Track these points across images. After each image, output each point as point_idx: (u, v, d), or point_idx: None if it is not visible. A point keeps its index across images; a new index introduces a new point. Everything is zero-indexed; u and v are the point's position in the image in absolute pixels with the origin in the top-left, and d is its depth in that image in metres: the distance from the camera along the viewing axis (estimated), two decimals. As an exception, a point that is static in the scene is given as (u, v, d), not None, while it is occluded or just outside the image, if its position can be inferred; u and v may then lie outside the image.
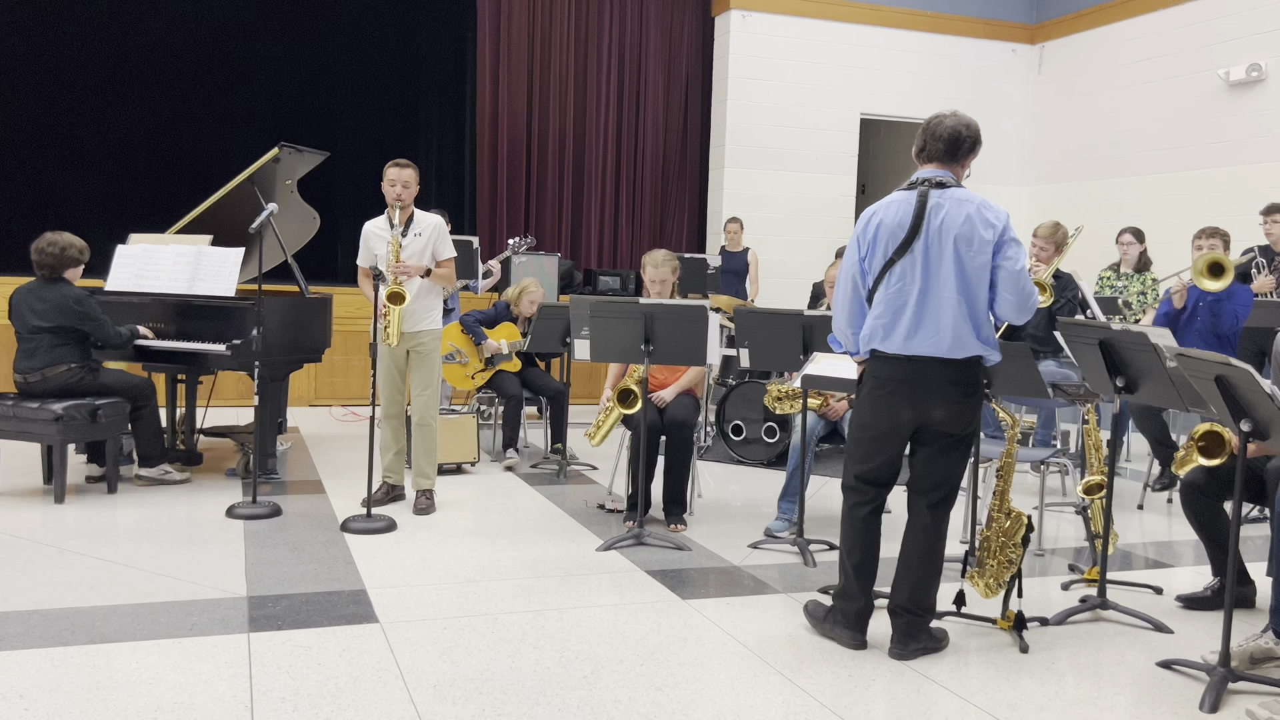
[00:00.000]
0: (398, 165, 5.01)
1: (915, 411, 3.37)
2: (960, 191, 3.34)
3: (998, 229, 3.30)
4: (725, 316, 6.74)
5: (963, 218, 3.28)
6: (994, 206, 3.34)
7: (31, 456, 5.92)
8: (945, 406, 3.34)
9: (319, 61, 10.54)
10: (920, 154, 3.43)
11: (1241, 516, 3.36)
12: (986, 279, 3.31)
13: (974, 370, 3.38)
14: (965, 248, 3.28)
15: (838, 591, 3.57)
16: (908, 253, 3.32)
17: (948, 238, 3.28)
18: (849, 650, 3.48)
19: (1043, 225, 5.88)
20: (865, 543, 3.50)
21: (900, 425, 3.40)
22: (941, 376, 3.33)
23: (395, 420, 5.28)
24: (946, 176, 3.37)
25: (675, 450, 5.04)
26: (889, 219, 3.37)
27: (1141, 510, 5.81)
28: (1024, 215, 11.00)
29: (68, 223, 6.23)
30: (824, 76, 10.57)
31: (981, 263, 3.29)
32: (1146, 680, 3.34)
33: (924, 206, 3.31)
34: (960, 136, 3.36)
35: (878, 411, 3.42)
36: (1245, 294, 5.82)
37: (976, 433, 3.47)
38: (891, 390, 3.38)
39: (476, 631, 3.55)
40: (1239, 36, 8.91)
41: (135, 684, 3.02)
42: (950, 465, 3.44)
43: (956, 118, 3.39)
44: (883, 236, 3.37)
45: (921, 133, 3.43)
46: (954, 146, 3.37)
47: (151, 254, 5.82)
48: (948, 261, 3.29)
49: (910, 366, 3.34)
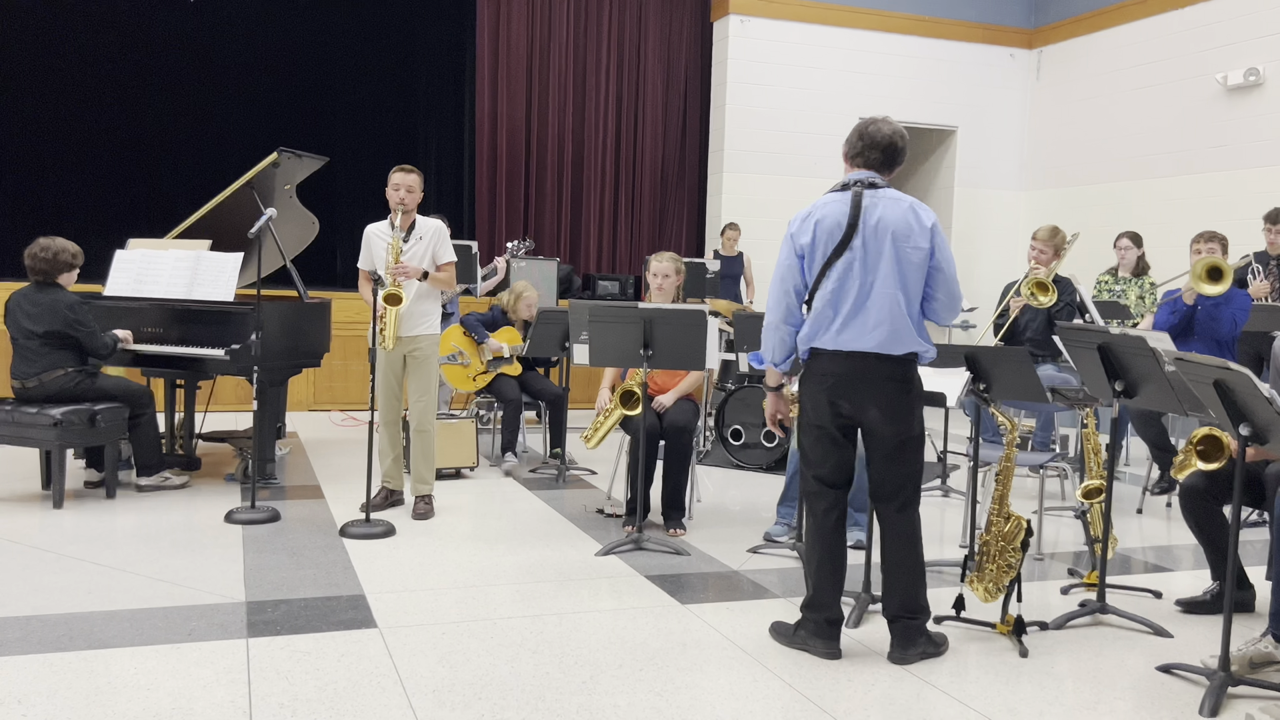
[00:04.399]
0: (403, 170, 5.03)
1: (853, 406, 3.42)
2: (891, 191, 3.44)
3: (932, 228, 3.39)
4: (724, 321, 6.74)
5: (897, 214, 3.37)
6: (924, 206, 3.43)
7: (30, 462, 5.92)
8: (880, 402, 3.38)
9: (319, 66, 10.56)
10: (854, 157, 3.49)
11: (1240, 521, 3.36)
12: (922, 275, 3.39)
13: (910, 368, 3.42)
14: (903, 243, 3.35)
15: (806, 602, 3.55)
16: (846, 250, 3.38)
17: (885, 235, 3.35)
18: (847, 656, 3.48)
19: (1041, 229, 5.89)
20: (831, 551, 3.50)
21: (841, 419, 3.45)
22: (878, 373, 3.38)
23: (393, 426, 5.28)
24: (877, 178, 3.45)
25: (674, 455, 5.04)
26: (826, 218, 3.43)
27: (1141, 514, 5.81)
28: (1022, 220, 11.02)
29: (66, 227, 6.24)
30: (822, 81, 10.58)
31: (918, 260, 3.37)
32: (1146, 685, 3.34)
33: (859, 205, 3.39)
34: (897, 147, 3.46)
35: (817, 406, 3.48)
36: (1243, 299, 5.82)
37: (920, 433, 3.47)
38: (830, 385, 3.43)
39: (475, 636, 3.55)
40: (1237, 41, 8.92)
41: (134, 689, 3.02)
42: (904, 468, 3.45)
43: (892, 125, 3.47)
44: (821, 236, 3.42)
45: (858, 137, 3.47)
46: (891, 157, 3.46)
47: (150, 259, 5.82)
48: (886, 258, 3.35)
49: (848, 361, 3.39)
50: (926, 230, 3.37)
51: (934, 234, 3.38)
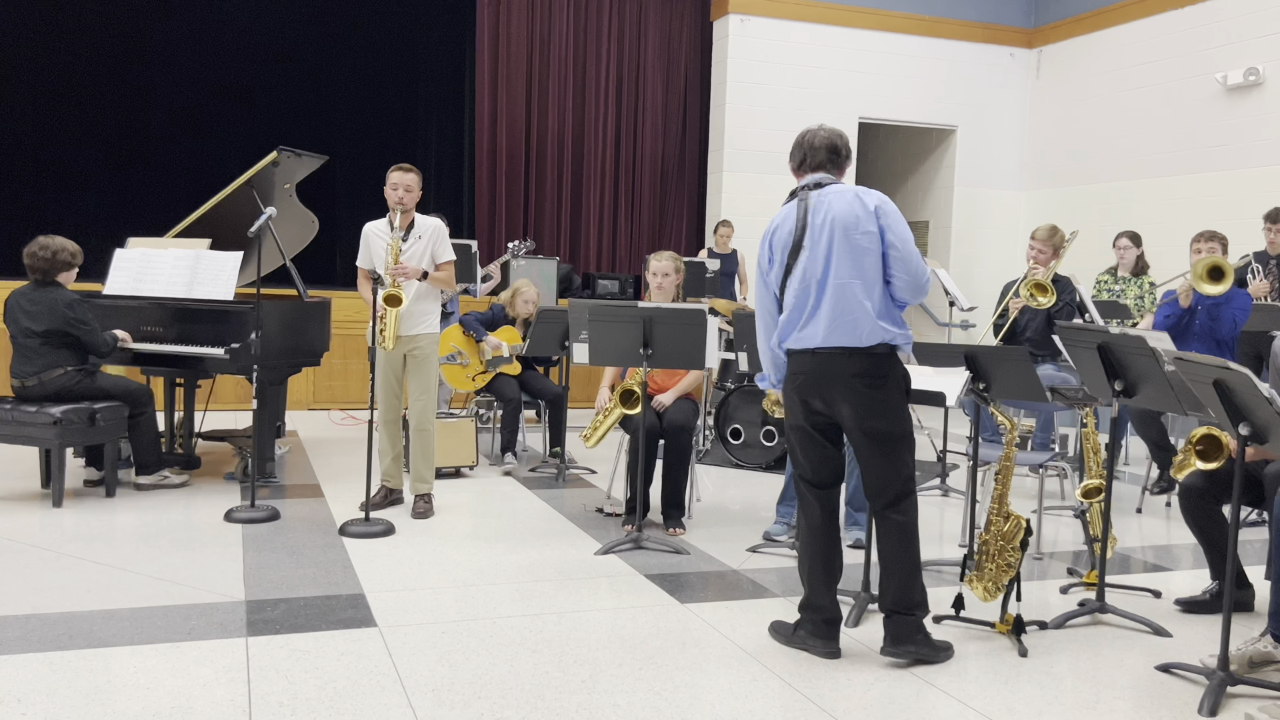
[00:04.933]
0: (401, 169, 5.02)
1: (825, 403, 3.43)
2: (836, 185, 3.49)
3: (878, 206, 3.40)
4: (724, 320, 6.74)
5: (842, 205, 3.40)
6: (869, 191, 3.45)
7: (30, 460, 5.92)
8: (851, 399, 3.38)
9: (318, 66, 10.55)
10: (801, 166, 3.56)
11: (1240, 520, 3.36)
12: (877, 258, 3.39)
13: (881, 362, 3.40)
14: (852, 232, 3.36)
15: (803, 602, 3.55)
16: (800, 253, 3.44)
17: (833, 228, 3.38)
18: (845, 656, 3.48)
19: (1040, 229, 5.89)
20: (823, 550, 3.51)
21: (815, 419, 3.47)
22: (845, 369, 3.38)
23: (393, 425, 5.28)
24: (823, 178, 3.50)
25: (674, 454, 5.04)
26: (780, 228, 3.54)
27: (1140, 514, 5.82)
28: (1022, 219, 11.02)
29: (66, 226, 6.24)
30: (822, 80, 10.58)
31: (868, 244, 3.37)
32: (1145, 684, 3.34)
33: (805, 208, 3.46)
34: (837, 145, 3.54)
35: (792, 405, 3.52)
36: (1244, 298, 5.82)
37: (905, 429, 3.44)
38: (801, 382, 3.47)
39: (475, 636, 3.55)
40: (1237, 41, 8.92)
41: (133, 688, 3.02)
42: (890, 466, 3.42)
43: (829, 129, 3.57)
44: (778, 247, 3.53)
45: (797, 149, 3.57)
46: (835, 154, 3.52)
47: (150, 258, 5.82)
48: (837, 250, 3.38)
49: (815, 359, 3.42)
50: (871, 214, 3.37)
51: (879, 215, 3.38)
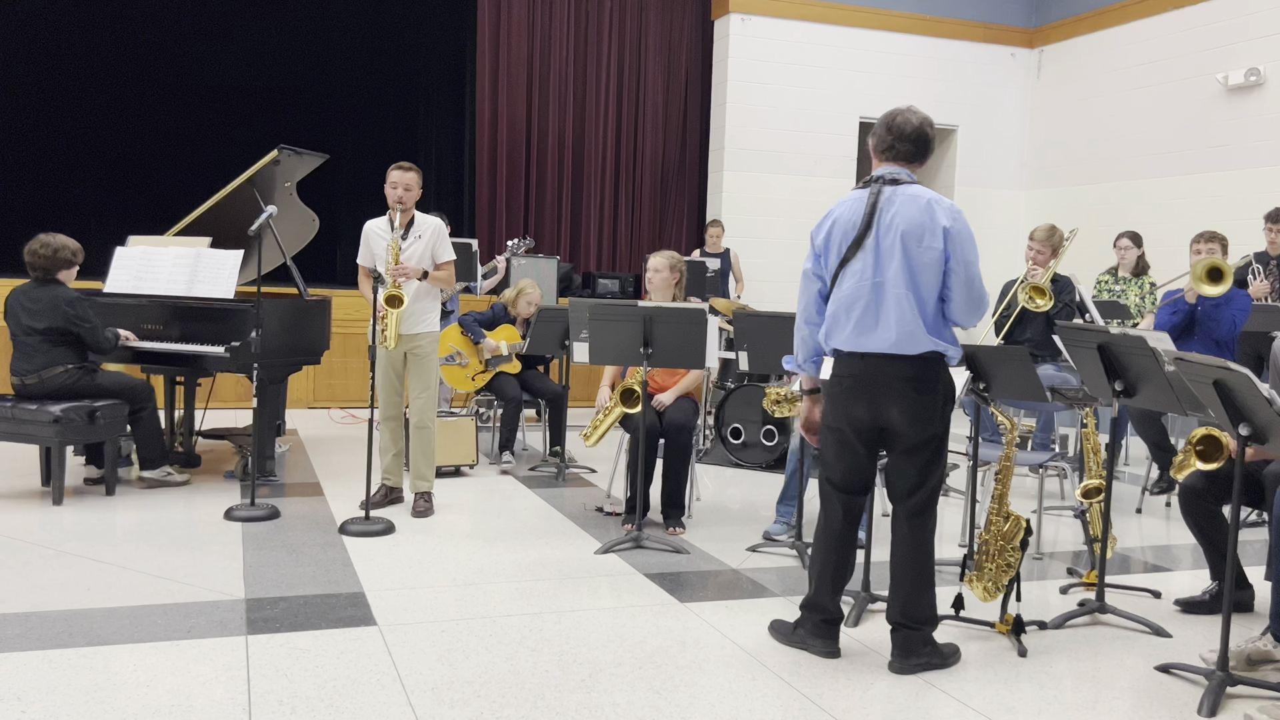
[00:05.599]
0: (400, 168, 5.02)
1: (870, 410, 3.34)
2: (913, 188, 3.32)
3: (948, 226, 3.26)
4: (724, 319, 6.74)
5: (913, 213, 3.26)
6: (945, 202, 3.31)
7: (30, 458, 5.92)
8: (899, 404, 3.30)
9: (319, 64, 10.56)
10: (886, 151, 3.39)
11: (1240, 520, 3.36)
12: (937, 275, 3.28)
13: (931, 368, 3.32)
14: (914, 243, 3.25)
15: (806, 601, 3.53)
16: (860, 250, 3.32)
17: (899, 233, 3.26)
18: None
19: (1038, 229, 5.86)
20: (837, 554, 3.47)
21: (857, 424, 3.37)
22: (893, 373, 3.30)
23: (393, 423, 5.28)
24: (901, 173, 3.36)
25: (674, 453, 5.04)
26: (843, 217, 3.38)
27: (1140, 514, 5.82)
28: (1022, 219, 11.02)
29: (66, 224, 6.24)
30: (823, 80, 10.58)
31: (930, 259, 3.26)
32: (1145, 684, 3.34)
33: (876, 203, 3.32)
34: (928, 137, 3.38)
35: (835, 409, 3.42)
36: (1243, 299, 5.80)
37: (943, 436, 3.40)
38: (847, 387, 3.37)
39: (475, 634, 3.55)
40: (1237, 41, 8.92)
41: (133, 686, 3.02)
42: (920, 470, 3.38)
43: (920, 114, 3.39)
44: (836, 236, 3.38)
45: (886, 130, 3.38)
46: (922, 147, 3.38)
47: (150, 256, 5.82)
48: (896, 258, 3.26)
49: (863, 363, 3.33)
50: (939, 231, 3.24)
51: (949, 236, 3.24)
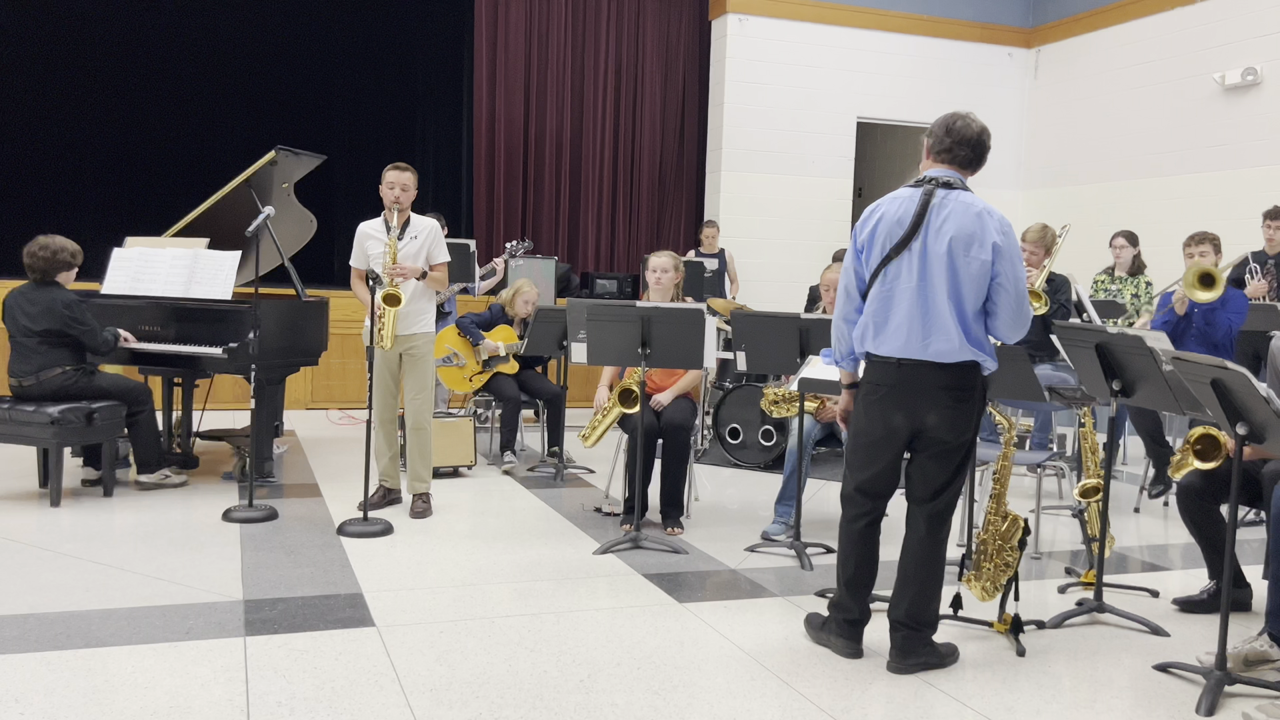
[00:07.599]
0: (397, 168, 5.02)
1: (907, 417, 3.30)
2: (966, 195, 3.26)
3: (998, 242, 3.20)
4: (722, 320, 6.74)
5: (965, 221, 3.20)
6: (997, 214, 3.25)
7: (27, 460, 5.91)
8: (937, 412, 3.26)
9: (317, 65, 10.56)
10: (943, 154, 3.30)
11: (1237, 520, 3.37)
12: (982, 286, 3.22)
13: (968, 376, 3.28)
14: (962, 252, 3.19)
15: (833, 602, 3.54)
16: (905, 251, 3.25)
17: (945, 239, 3.20)
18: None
19: (1030, 229, 5.81)
20: (861, 556, 3.46)
21: (893, 432, 3.33)
22: (932, 381, 3.25)
23: (388, 426, 5.27)
24: (955, 178, 3.29)
25: (672, 453, 5.04)
26: (890, 214, 3.29)
27: (1138, 513, 5.82)
28: (1020, 218, 11.01)
29: (64, 225, 6.23)
30: (820, 80, 10.58)
31: (976, 270, 3.20)
32: (1143, 683, 3.34)
33: (927, 205, 3.24)
34: (985, 146, 3.30)
35: (871, 417, 3.36)
36: (1240, 300, 5.78)
37: (973, 442, 3.38)
38: (883, 395, 3.31)
39: (473, 635, 3.55)
40: (1234, 41, 8.93)
41: (131, 688, 3.02)
42: (946, 473, 3.35)
43: (979, 122, 3.31)
44: (881, 232, 3.30)
45: (945, 132, 3.30)
46: (978, 155, 3.30)
47: (148, 257, 5.82)
48: (942, 264, 3.20)
49: (900, 371, 3.27)
50: (989, 244, 3.18)
51: (998, 252, 3.18)
